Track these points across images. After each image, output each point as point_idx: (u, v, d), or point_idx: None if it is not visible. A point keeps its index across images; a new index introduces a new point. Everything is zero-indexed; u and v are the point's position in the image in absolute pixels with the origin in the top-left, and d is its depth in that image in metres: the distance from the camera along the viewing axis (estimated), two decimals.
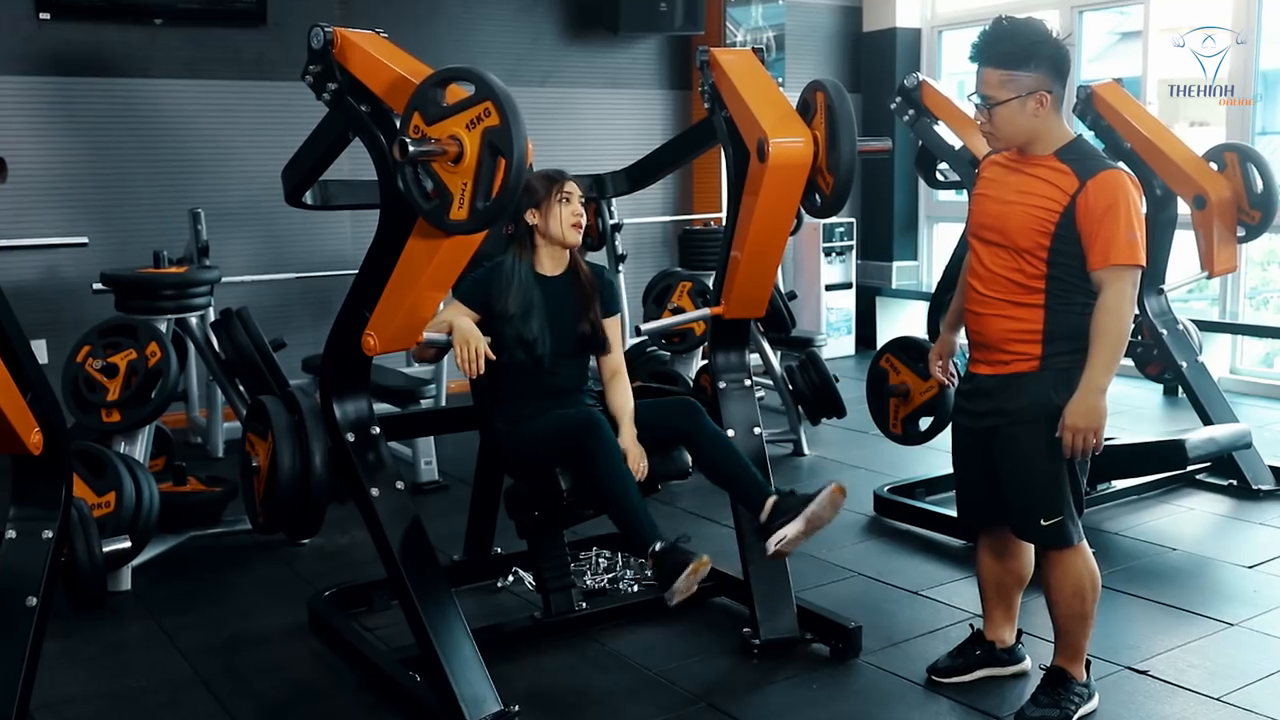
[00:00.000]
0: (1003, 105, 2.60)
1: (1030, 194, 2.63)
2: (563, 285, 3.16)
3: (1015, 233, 2.64)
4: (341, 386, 2.99)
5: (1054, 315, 2.64)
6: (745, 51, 3.42)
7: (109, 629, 3.45)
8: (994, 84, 2.61)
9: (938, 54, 7.98)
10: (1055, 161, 2.63)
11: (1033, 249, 2.62)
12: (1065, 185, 2.59)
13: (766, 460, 3.40)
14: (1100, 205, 2.54)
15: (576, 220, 3.10)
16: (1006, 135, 2.65)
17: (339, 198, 3.69)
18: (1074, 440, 2.59)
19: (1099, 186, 2.55)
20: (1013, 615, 3.06)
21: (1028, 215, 2.62)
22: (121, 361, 3.84)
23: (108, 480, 3.51)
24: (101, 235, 5.44)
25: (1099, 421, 2.57)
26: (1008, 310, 2.68)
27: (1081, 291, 2.62)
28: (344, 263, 5.88)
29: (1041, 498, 2.70)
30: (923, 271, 8.22)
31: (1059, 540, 2.72)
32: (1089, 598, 2.77)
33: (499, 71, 2.43)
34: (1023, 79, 2.58)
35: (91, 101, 5.77)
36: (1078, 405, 2.58)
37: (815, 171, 3.14)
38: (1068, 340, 2.64)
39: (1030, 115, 2.60)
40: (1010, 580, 3.00)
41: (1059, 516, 2.70)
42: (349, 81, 2.72)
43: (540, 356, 3.08)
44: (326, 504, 2.98)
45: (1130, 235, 2.54)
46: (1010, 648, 3.07)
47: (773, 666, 3.16)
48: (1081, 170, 2.58)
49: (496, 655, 3.02)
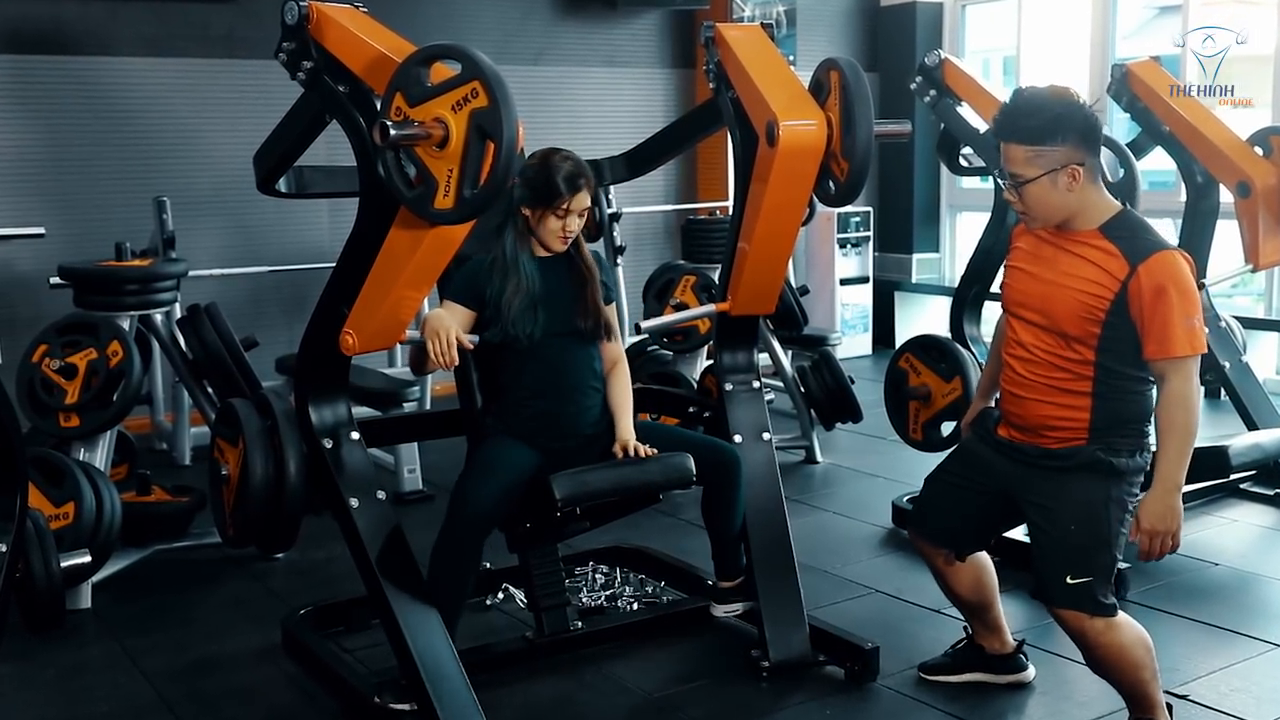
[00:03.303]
0: (1033, 183, 2.59)
1: (1076, 276, 2.62)
2: (559, 266, 3.18)
3: (1062, 318, 2.63)
4: (318, 388, 2.99)
5: (1103, 403, 2.64)
6: (753, 27, 3.42)
7: (67, 650, 3.45)
8: (1020, 161, 2.60)
9: (961, 30, 7.97)
10: (1102, 240, 2.61)
11: (1082, 336, 2.61)
12: (1114, 269, 2.57)
13: (777, 469, 3.40)
14: (1154, 292, 2.53)
15: (564, 236, 3.11)
16: (1041, 214, 2.65)
17: (315, 185, 3.68)
18: (1151, 544, 2.58)
19: (1151, 271, 2.53)
20: (994, 625, 3.13)
21: (1075, 301, 2.61)
22: (81, 362, 3.83)
23: (66, 490, 3.51)
24: (59, 226, 5.43)
25: (1176, 523, 2.58)
26: (1052, 396, 2.67)
27: (1132, 380, 2.63)
28: (320, 255, 5.87)
29: (1072, 554, 2.67)
30: (945, 264, 8.23)
31: (1082, 603, 2.66)
32: (1145, 668, 2.71)
33: (488, 49, 2.43)
34: (1051, 154, 2.56)
35: (48, 81, 5.76)
36: (1153, 506, 2.57)
37: (829, 157, 3.14)
38: (1118, 427, 2.65)
39: (1064, 191, 2.59)
40: (973, 600, 3.08)
41: (1088, 577, 2.65)
42: (325, 59, 2.72)
43: (535, 337, 3.09)
44: (302, 516, 2.98)
45: (1188, 324, 2.54)
46: (1005, 656, 3.12)
47: (783, 691, 3.16)
48: (1131, 252, 2.56)
49: (485, 679, 3.02)
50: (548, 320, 3.11)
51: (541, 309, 3.10)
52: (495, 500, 2.98)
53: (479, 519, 2.97)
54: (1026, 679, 3.13)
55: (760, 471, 3.37)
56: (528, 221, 3.12)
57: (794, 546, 3.36)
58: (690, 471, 3.08)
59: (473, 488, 3.00)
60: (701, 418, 3.68)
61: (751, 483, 3.28)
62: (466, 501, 2.98)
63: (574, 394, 3.17)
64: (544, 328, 3.10)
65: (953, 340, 4.41)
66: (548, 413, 3.14)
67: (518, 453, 3.08)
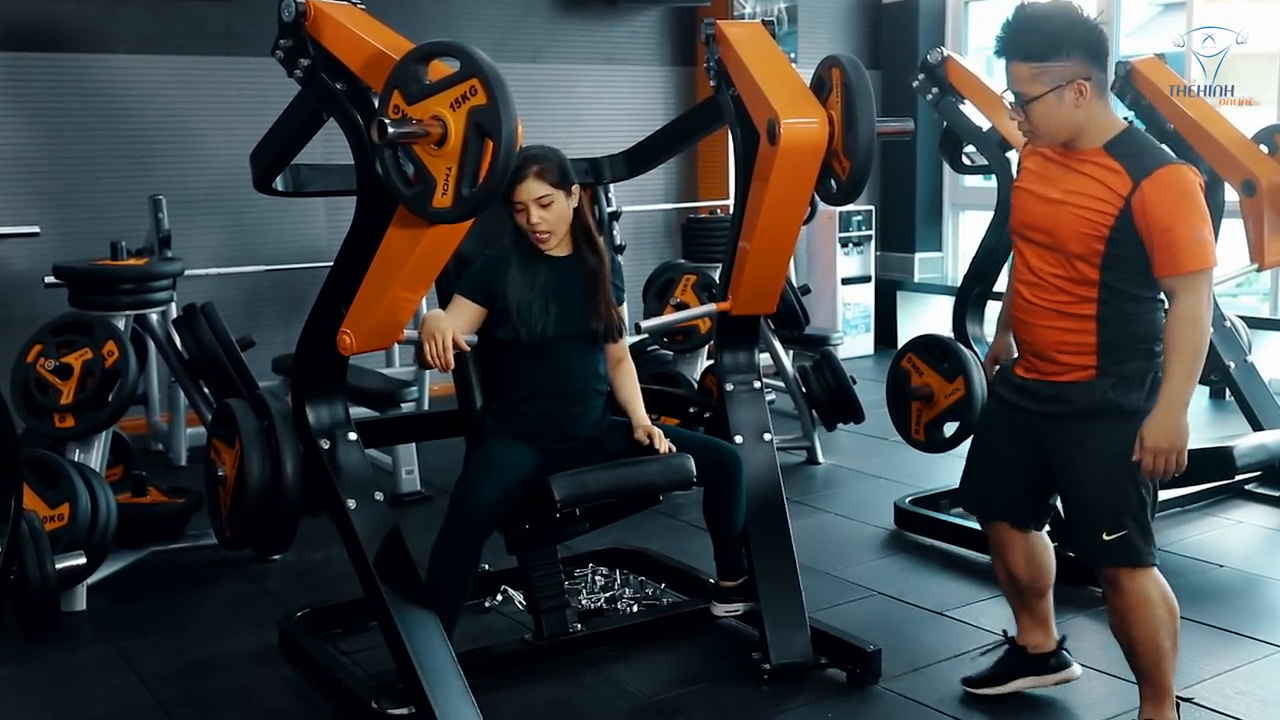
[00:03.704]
0: (1038, 101, 2.57)
1: (1080, 194, 2.60)
2: (572, 265, 3.18)
3: (1065, 237, 2.62)
4: (315, 388, 2.99)
5: (1108, 326, 2.63)
6: (755, 24, 3.42)
7: (62, 653, 3.45)
8: (1025, 79, 2.58)
9: (964, 27, 7.98)
10: (1105, 157, 2.59)
11: (1085, 254, 2.60)
12: (1118, 185, 2.55)
13: (778, 470, 3.41)
14: (1160, 207, 2.50)
15: (536, 231, 3.09)
16: (1048, 132, 2.63)
17: (312, 183, 3.68)
18: (1154, 462, 2.56)
19: (1156, 186, 2.51)
20: (1042, 619, 3.06)
21: (1078, 219, 2.59)
22: (76, 362, 3.83)
23: (61, 491, 3.51)
24: (54, 224, 5.42)
25: (1181, 440, 2.54)
26: (1058, 321, 2.67)
27: (1139, 300, 2.62)
28: (318, 254, 5.88)
29: (1103, 507, 2.67)
30: (948, 264, 8.23)
31: (1123, 558, 2.66)
32: (1164, 627, 2.69)
33: (486, 46, 2.42)
34: (1056, 69, 2.55)
35: (43, 79, 5.77)
36: (1157, 423, 2.55)
37: (830, 155, 3.14)
38: (1124, 350, 2.63)
39: (1070, 107, 2.57)
40: (1027, 581, 3.00)
41: (1123, 530, 2.65)
42: (323, 57, 2.72)
43: (547, 335, 3.09)
44: (299, 517, 2.98)
45: (1197, 236, 2.51)
46: (1049, 653, 3.06)
47: (784, 694, 3.16)
48: (1135, 168, 2.54)
49: (484, 682, 3.01)
50: (559, 320, 3.11)
51: (554, 308, 3.10)
52: (495, 500, 2.98)
53: (479, 519, 2.97)
54: (1074, 676, 3.06)
55: (761, 472, 3.37)
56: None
57: (795, 548, 3.36)
58: (691, 472, 3.08)
59: (472, 487, 3.00)
60: (702, 418, 3.68)
61: (752, 484, 3.28)
62: (466, 501, 2.98)
63: (579, 397, 3.18)
64: (555, 327, 3.10)
65: (955, 340, 4.41)
66: (551, 414, 3.15)
67: (518, 452, 3.08)
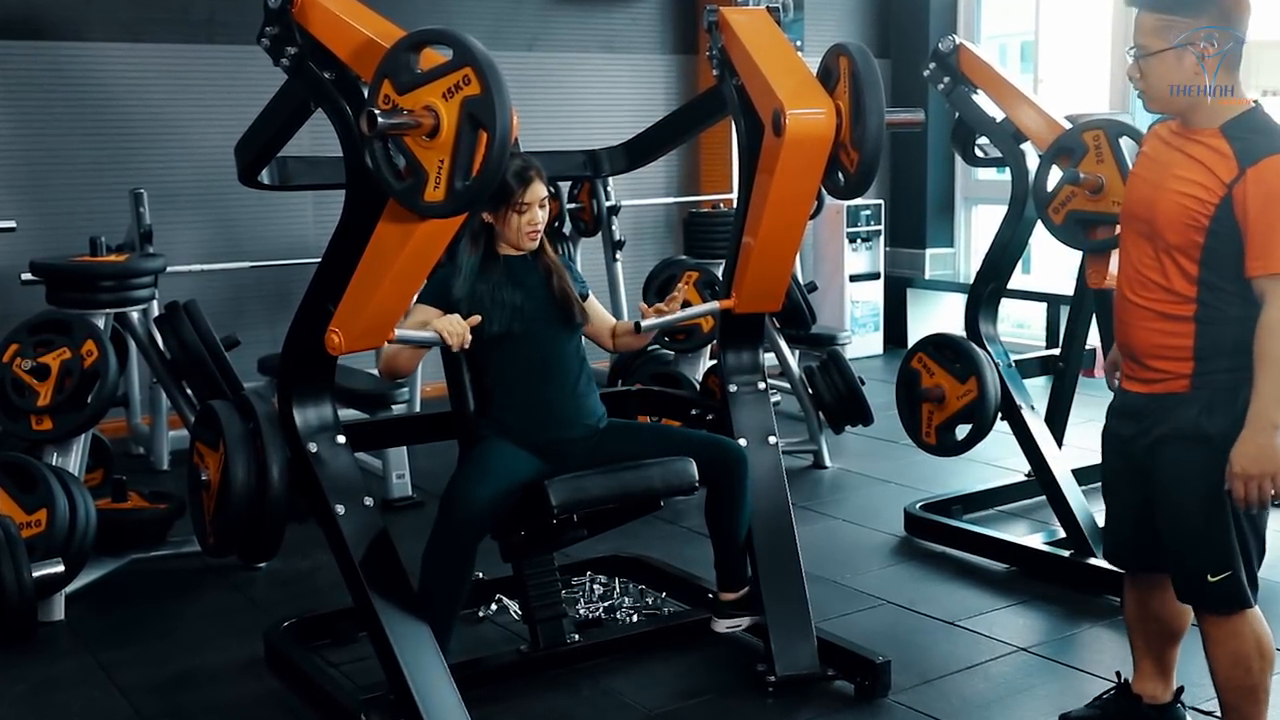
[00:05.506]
0: (1156, 57, 2.47)
1: (1182, 178, 2.50)
2: (526, 265, 3.24)
3: (1164, 225, 2.52)
4: (302, 390, 2.99)
5: (1206, 330, 2.52)
6: (759, 11, 3.42)
7: (39, 664, 3.45)
8: (1148, 30, 2.48)
9: (977, 14, 7.98)
10: (1218, 139, 2.48)
11: (1184, 246, 2.50)
12: (1223, 171, 2.44)
13: (784, 474, 3.40)
14: (1262, 199, 2.39)
15: (532, 231, 3.17)
16: (1159, 94, 2.53)
17: (299, 176, 3.69)
18: (1246, 490, 2.45)
19: (1261, 174, 2.40)
20: (1166, 668, 2.92)
21: (1177, 206, 2.49)
22: (54, 362, 3.83)
23: (38, 496, 3.51)
24: (31, 219, 5.43)
25: (1274, 464, 2.42)
26: (1154, 322, 2.58)
27: (1240, 300, 2.48)
28: (305, 250, 5.88)
29: (1201, 545, 2.57)
30: (959, 260, 8.23)
31: (1228, 603, 2.58)
32: (1255, 667, 2.62)
33: (480, 34, 2.43)
34: (1182, 24, 2.44)
35: (19, 68, 5.77)
36: (1246, 447, 2.44)
37: (838, 147, 3.14)
38: (1223, 358, 2.52)
39: (1190, 73, 2.46)
40: (1158, 630, 2.88)
41: (1228, 571, 2.55)
42: (310, 45, 2.72)
43: (516, 327, 3.13)
44: (285, 523, 2.98)
45: None
46: (1165, 705, 2.92)
47: (790, 706, 3.16)
48: (1244, 152, 2.43)
49: (478, 694, 3.02)
50: (526, 308, 3.16)
51: (517, 298, 3.15)
52: (488, 502, 2.98)
53: (471, 522, 2.97)
54: None
55: (766, 477, 3.37)
56: (491, 229, 3.18)
57: (801, 555, 3.36)
58: (693, 476, 3.09)
59: (464, 489, 3.00)
60: (704, 420, 3.68)
61: (757, 489, 3.28)
62: (458, 503, 2.98)
63: (563, 377, 3.21)
64: (525, 315, 3.15)
65: (968, 339, 4.40)
66: (539, 400, 3.17)
67: (513, 455, 3.08)
